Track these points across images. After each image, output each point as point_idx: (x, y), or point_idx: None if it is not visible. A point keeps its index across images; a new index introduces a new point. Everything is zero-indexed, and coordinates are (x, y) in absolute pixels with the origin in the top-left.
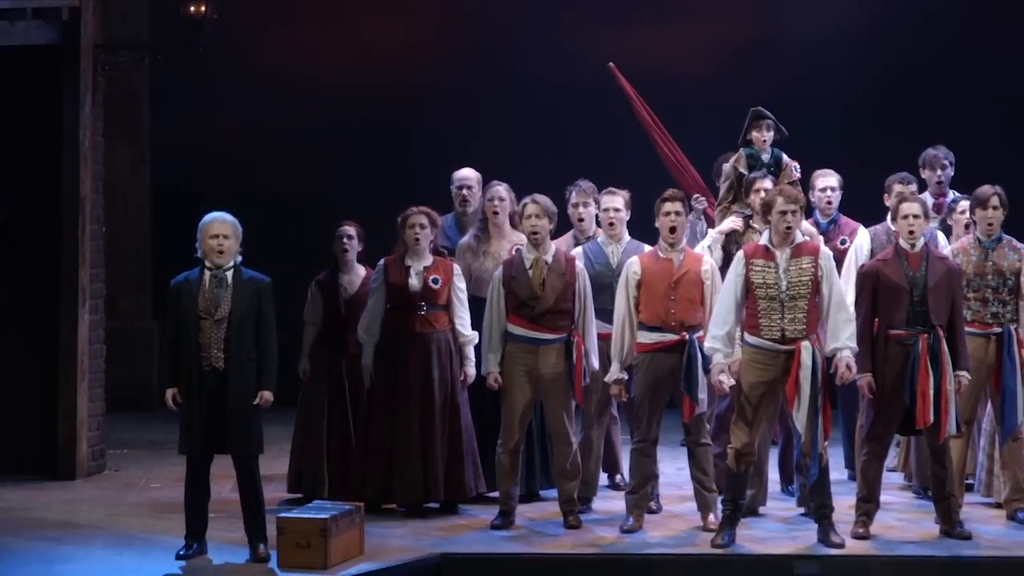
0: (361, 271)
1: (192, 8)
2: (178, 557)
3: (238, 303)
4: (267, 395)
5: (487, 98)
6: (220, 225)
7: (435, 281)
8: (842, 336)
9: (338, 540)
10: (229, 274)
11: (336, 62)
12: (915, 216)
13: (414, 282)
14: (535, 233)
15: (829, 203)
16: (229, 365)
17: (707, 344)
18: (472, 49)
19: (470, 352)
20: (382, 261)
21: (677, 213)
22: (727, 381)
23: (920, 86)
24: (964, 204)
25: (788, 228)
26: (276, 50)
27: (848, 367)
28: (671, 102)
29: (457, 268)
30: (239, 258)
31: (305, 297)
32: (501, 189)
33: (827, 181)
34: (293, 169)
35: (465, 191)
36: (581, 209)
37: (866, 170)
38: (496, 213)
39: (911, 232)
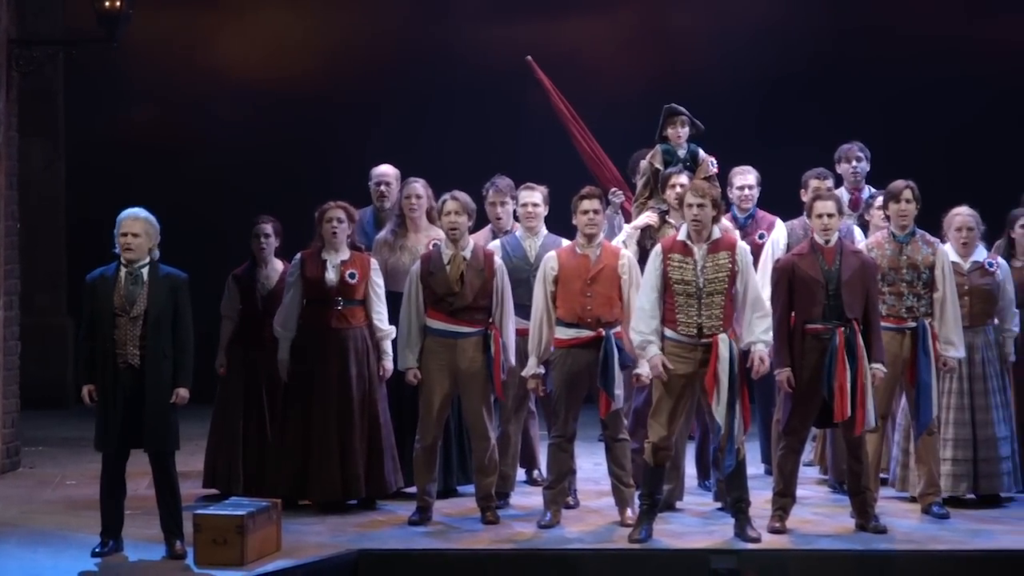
0: (279, 266)
1: (107, 3)
2: (94, 554)
3: (154, 300)
4: (183, 392)
5: (405, 93)
6: (131, 223)
7: (352, 276)
8: (756, 330)
9: (255, 537)
10: (145, 271)
11: (252, 56)
12: (829, 215)
13: (331, 276)
14: (454, 229)
15: (747, 200)
16: (145, 362)
17: (637, 339)
18: (391, 43)
19: (387, 347)
20: (299, 255)
21: (595, 211)
22: (646, 374)
23: (836, 81)
24: (881, 200)
25: (695, 221)
26: (191, 45)
27: (762, 359)
28: (589, 96)
29: (374, 263)
30: (156, 254)
31: (222, 291)
32: (418, 186)
33: (745, 179)
34: (209, 163)
35: (383, 187)
36: (499, 208)
37: (783, 165)
38: (413, 210)
39: (825, 230)
